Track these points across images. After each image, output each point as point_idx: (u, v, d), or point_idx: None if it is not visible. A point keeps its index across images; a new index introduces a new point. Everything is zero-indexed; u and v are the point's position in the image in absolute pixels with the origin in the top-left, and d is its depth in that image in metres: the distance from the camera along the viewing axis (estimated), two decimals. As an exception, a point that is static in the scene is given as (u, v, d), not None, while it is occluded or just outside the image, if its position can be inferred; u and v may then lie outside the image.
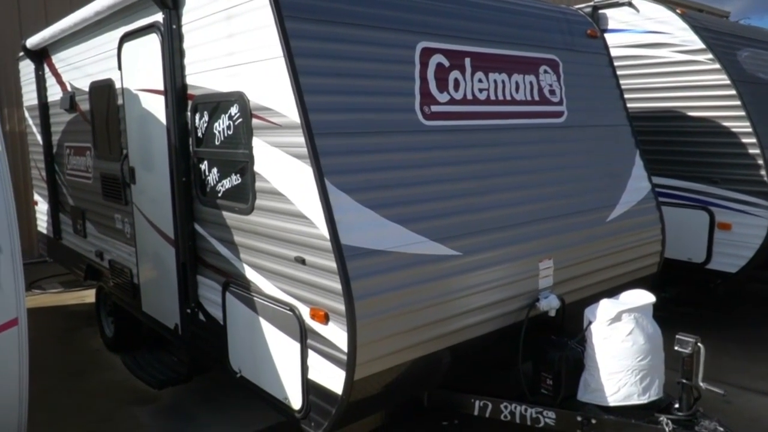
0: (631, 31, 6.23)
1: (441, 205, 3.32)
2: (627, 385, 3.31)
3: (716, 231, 5.71)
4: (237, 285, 3.56)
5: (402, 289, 3.01)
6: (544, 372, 3.59)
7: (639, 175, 4.66)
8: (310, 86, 2.96)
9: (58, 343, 5.97)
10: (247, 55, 3.21)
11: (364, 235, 2.93)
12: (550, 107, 4.16)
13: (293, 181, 3.01)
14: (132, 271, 4.80)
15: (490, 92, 3.78)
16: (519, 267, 3.62)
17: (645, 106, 6.17)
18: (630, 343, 3.31)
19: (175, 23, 3.76)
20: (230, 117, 3.42)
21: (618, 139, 4.64)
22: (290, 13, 2.99)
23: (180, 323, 4.16)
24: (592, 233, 4.12)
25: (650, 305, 3.45)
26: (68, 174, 6.03)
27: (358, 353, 2.82)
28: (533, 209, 3.80)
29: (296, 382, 3.16)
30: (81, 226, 5.81)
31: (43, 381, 5.01)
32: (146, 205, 4.44)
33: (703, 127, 5.76)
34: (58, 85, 5.99)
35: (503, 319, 3.58)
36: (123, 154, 4.70)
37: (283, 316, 3.18)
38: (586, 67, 4.55)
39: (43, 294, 7.68)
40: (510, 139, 3.86)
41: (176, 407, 4.64)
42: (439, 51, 3.55)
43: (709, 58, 5.67)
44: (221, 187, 3.61)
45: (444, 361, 3.35)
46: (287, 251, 3.12)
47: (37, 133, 6.74)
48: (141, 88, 4.27)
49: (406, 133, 3.32)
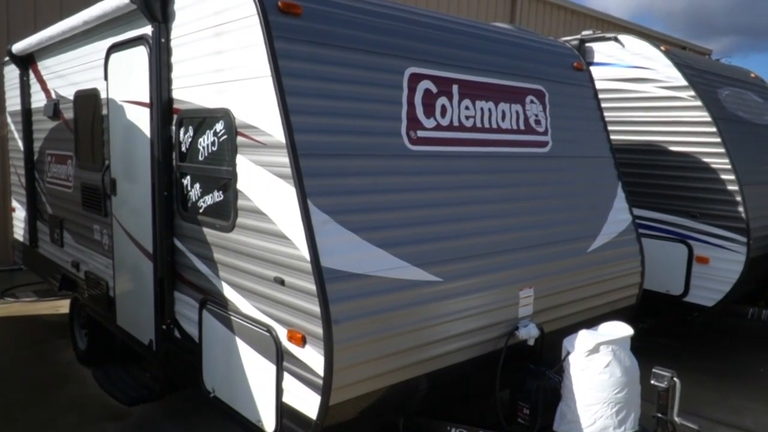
0: (616, 65, 6.35)
1: (424, 230, 3.32)
2: (603, 417, 3.30)
3: (694, 264, 5.79)
4: (214, 303, 3.51)
5: (381, 314, 2.98)
6: (521, 401, 3.58)
7: (620, 206, 4.70)
8: (297, 106, 2.96)
9: (28, 355, 5.83)
10: (235, 73, 3.20)
11: (345, 258, 2.91)
12: (536, 137, 4.20)
13: (276, 201, 2.99)
14: (108, 283, 4.72)
15: (477, 120, 3.81)
16: (499, 294, 3.62)
17: (628, 139, 6.27)
18: (607, 375, 3.31)
19: (164, 37, 3.75)
20: (215, 133, 3.40)
21: (601, 170, 4.69)
22: (280, 33, 3.00)
23: (155, 339, 4.08)
24: (573, 263, 4.14)
25: (628, 338, 3.45)
26: (48, 182, 5.95)
27: (334, 378, 2.78)
28: (515, 237, 3.82)
29: (270, 405, 3.10)
30: (58, 235, 5.72)
31: (13, 393, 4.87)
32: (126, 218, 4.38)
33: (684, 162, 5.86)
34: (42, 92, 5.92)
35: (482, 347, 3.56)
36: (105, 164, 4.64)
37: (260, 337, 3.14)
38: (572, 99, 4.61)
39: (15, 302, 7.52)
40: (495, 166, 3.88)
41: (147, 425, 4.53)
42: (428, 77, 3.57)
43: (692, 95, 5.79)
44: (203, 203, 3.58)
45: (421, 387, 3.32)
46: (267, 271, 3.08)
47: (19, 139, 6.65)
48: (126, 99, 4.24)
49: (392, 157, 3.32)
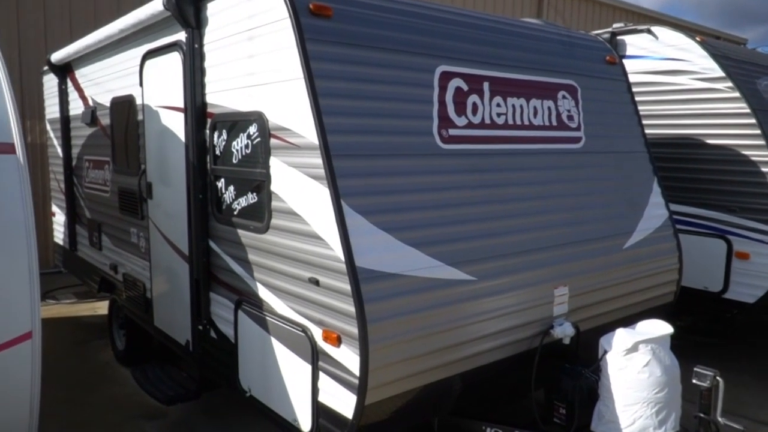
0: (649, 57, 6.22)
1: (457, 229, 3.30)
2: (643, 417, 3.25)
3: (734, 260, 5.63)
4: (250, 303, 3.55)
5: (416, 313, 2.98)
6: (557, 401, 3.54)
7: (656, 202, 4.62)
8: (329, 108, 2.98)
9: (69, 355, 5.98)
10: (268, 76, 3.24)
11: (379, 257, 2.92)
12: (568, 133, 4.15)
13: (309, 202, 3.02)
14: (145, 285, 4.82)
15: (508, 117, 3.78)
16: (534, 293, 3.58)
17: (663, 133, 6.14)
18: (646, 374, 3.25)
19: (197, 42, 3.81)
20: (249, 136, 3.45)
21: (636, 165, 4.61)
22: (311, 35, 3.02)
23: (191, 339, 4.16)
24: (609, 260, 4.08)
25: (668, 336, 3.39)
26: (86, 187, 6.09)
27: (369, 377, 2.79)
28: (549, 235, 3.77)
29: (306, 404, 3.13)
30: (97, 238, 5.85)
31: (54, 393, 5.00)
32: (162, 221, 4.46)
33: (722, 155, 5.71)
34: (80, 100, 6.08)
35: (516, 346, 3.54)
36: (141, 169, 4.74)
37: (295, 337, 3.17)
38: (605, 93, 4.54)
39: (56, 304, 7.72)
40: (527, 164, 3.85)
41: (184, 423, 4.61)
42: (458, 75, 3.56)
43: (729, 86, 5.64)
44: (237, 205, 3.63)
45: (456, 387, 3.31)
46: (301, 272, 3.11)
47: (58, 146, 6.83)
48: (161, 104, 4.32)
49: (424, 156, 3.32)
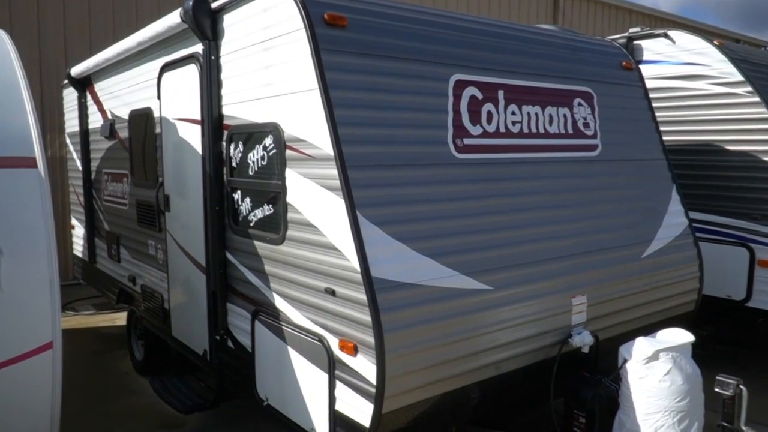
0: (667, 62, 6.17)
1: (473, 238, 3.29)
2: (664, 426, 3.20)
3: (756, 268, 5.54)
4: (266, 314, 3.56)
5: (432, 322, 2.97)
6: (576, 410, 3.50)
7: (675, 210, 4.56)
8: (344, 118, 2.99)
9: (88, 365, 6.04)
10: (283, 87, 3.26)
11: (394, 267, 2.91)
12: (584, 140, 4.12)
13: (325, 213, 3.03)
14: (163, 296, 4.86)
15: (524, 125, 3.77)
16: (551, 302, 3.55)
17: (682, 139, 6.07)
18: (668, 383, 3.21)
19: (213, 54, 3.85)
20: (265, 148, 3.47)
21: (654, 173, 4.56)
22: (326, 46, 3.04)
23: (209, 349, 4.18)
24: (627, 269, 4.03)
25: (689, 344, 3.35)
26: (105, 200, 6.17)
27: (386, 386, 2.79)
28: (566, 244, 3.74)
29: (323, 413, 3.13)
30: (115, 250, 5.92)
31: (75, 403, 5.05)
32: (179, 233, 4.50)
33: (742, 161, 5.63)
34: (99, 113, 6.17)
35: (534, 355, 3.51)
36: (159, 181, 4.79)
37: (312, 346, 3.17)
38: (621, 100, 4.51)
39: (76, 316, 7.81)
40: (543, 172, 3.82)
41: (202, 434, 4.63)
42: (473, 83, 3.56)
43: (749, 90, 5.57)
44: (253, 217, 3.65)
45: (473, 396, 3.28)
46: (318, 282, 3.12)
47: (77, 159, 6.93)
48: (178, 117, 4.37)
49: (439, 165, 3.31)
